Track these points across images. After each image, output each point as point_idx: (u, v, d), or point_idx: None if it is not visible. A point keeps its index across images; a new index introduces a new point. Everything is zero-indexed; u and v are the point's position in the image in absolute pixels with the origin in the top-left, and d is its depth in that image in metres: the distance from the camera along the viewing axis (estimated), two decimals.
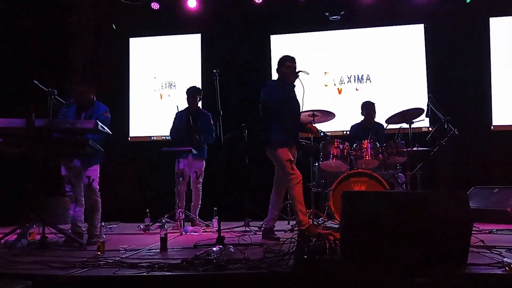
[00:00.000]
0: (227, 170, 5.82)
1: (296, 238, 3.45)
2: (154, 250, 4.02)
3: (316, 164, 5.77)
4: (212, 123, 5.99)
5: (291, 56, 4.78)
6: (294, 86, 4.75)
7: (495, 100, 7.28)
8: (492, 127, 7.24)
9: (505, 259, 3.02)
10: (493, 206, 5.81)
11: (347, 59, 7.76)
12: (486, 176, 6.88)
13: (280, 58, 4.81)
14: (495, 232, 4.94)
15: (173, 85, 8.00)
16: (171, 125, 6.30)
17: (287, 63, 4.71)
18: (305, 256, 3.09)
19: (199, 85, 7.29)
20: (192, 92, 6.17)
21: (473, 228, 5.00)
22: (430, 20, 7.56)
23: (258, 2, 7.45)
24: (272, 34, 7.82)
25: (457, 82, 7.29)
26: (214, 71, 4.20)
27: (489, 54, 7.45)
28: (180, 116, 6.18)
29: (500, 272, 2.94)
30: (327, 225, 5.40)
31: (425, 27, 7.66)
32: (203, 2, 7.49)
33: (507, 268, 2.93)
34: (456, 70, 7.35)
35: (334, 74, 7.75)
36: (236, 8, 7.61)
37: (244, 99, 7.31)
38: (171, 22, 7.81)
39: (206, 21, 7.66)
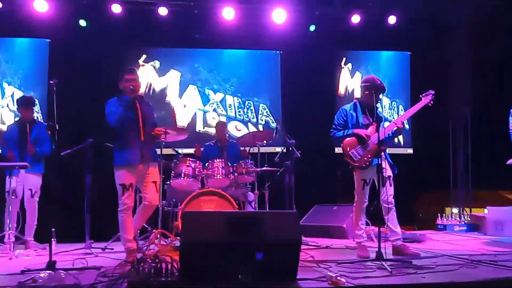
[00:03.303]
0: (67, 187, 5.48)
1: (131, 260, 3.32)
2: None
3: (168, 182, 5.68)
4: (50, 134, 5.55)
5: (131, 68, 4.65)
6: (135, 99, 4.50)
7: None
8: (335, 151, 7.86)
9: (329, 273, 3.25)
10: (332, 223, 6.28)
11: (206, 78, 7.84)
12: (329, 195, 7.44)
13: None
14: (331, 247, 5.33)
15: (15, 93, 7.29)
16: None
17: (126, 76, 4.51)
18: (139, 279, 2.99)
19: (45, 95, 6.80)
20: (23, 103, 5.65)
21: (313, 243, 5.40)
22: (285, 47, 8.01)
23: (117, 12, 7.19)
24: (129, 47, 7.61)
25: (308, 107, 7.78)
26: (51, 82, 3.91)
27: (337, 83, 8.17)
28: (11, 129, 5.63)
29: (325, 286, 3.16)
30: (176, 244, 5.31)
31: (280, 54, 8.11)
32: (54, 6, 6.99)
33: (330, 281, 3.15)
34: (307, 96, 7.85)
35: (192, 92, 7.78)
36: (92, 16, 7.25)
37: (94, 112, 6.92)
38: (15, 24, 7.13)
39: (56, 27, 7.14)
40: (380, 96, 4.82)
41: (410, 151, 8.25)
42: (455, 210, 7.77)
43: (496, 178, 7.44)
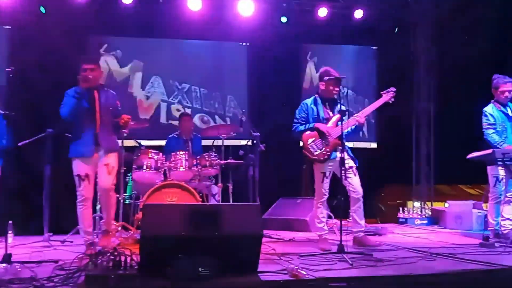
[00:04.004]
0: (26, 178, 5.31)
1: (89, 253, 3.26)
2: None
3: (129, 174, 5.57)
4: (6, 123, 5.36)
5: (88, 56, 4.53)
6: (94, 89, 4.40)
7: None
8: (301, 144, 7.89)
9: (290, 266, 3.26)
10: (295, 216, 6.31)
11: (171, 69, 7.70)
12: (294, 188, 7.48)
13: None
14: (294, 239, 5.35)
15: None
16: None
17: (83, 65, 4.36)
18: (96, 272, 2.92)
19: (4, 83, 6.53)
20: None
21: (276, 236, 5.41)
22: (252, 39, 7.96)
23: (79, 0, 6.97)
24: (91, 35, 7.40)
25: (274, 101, 7.76)
26: (8, 69, 3.78)
27: (302, 78, 8.19)
28: None
29: (286, 278, 3.16)
30: (138, 237, 5.23)
31: (247, 46, 8.07)
32: None
33: (291, 274, 3.16)
34: (274, 90, 7.84)
35: (156, 82, 7.64)
36: (54, 3, 7.00)
37: (54, 101, 6.71)
38: None
39: (17, 14, 6.85)
40: (340, 87, 4.79)
41: (373, 145, 8.38)
42: (416, 204, 7.95)
43: (457, 173, 7.65)
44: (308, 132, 4.71)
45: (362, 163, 4.91)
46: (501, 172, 4.93)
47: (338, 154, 4.44)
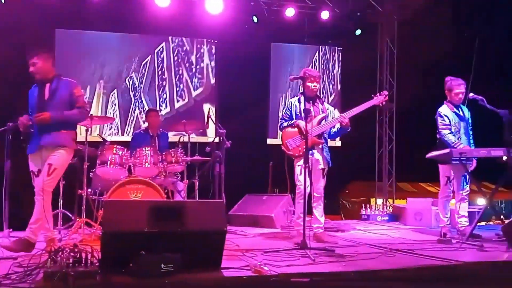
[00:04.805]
0: None
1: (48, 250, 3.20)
2: None
3: (93, 170, 5.47)
4: None
5: (32, 49, 4.33)
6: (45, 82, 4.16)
7: (272, 118, 8.07)
8: (267, 142, 7.98)
9: (253, 262, 3.29)
10: (261, 212, 6.35)
11: (138, 64, 7.64)
12: (261, 184, 7.52)
13: None
14: (259, 236, 5.38)
15: None
16: None
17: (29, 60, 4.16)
18: (55, 269, 2.87)
19: None
20: None
21: (241, 232, 5.44)
22: (220, 37, 7.97)
23: None
24: (58, 28, 7.25)
25: (242, 99, 7.80)
26: None
27: (269, 76, 8.25)
28: None
29: (249, 274, 3.19)
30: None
31: (215, 44, 8.06)
32: None
33: (253, 269, 3.19)
34: (242, 87, 7.87)
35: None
36: None
37: (17, 95, 6.53)
38: None
39: None
40: (315, 84, 4.90)
41: (338, 144, 8.51)
42: (379, 201, 8.13)
43: (418, 171, 7.88)
44: (288, 129, 4.84)
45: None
46: (452, 172, 5.15)
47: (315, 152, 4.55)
